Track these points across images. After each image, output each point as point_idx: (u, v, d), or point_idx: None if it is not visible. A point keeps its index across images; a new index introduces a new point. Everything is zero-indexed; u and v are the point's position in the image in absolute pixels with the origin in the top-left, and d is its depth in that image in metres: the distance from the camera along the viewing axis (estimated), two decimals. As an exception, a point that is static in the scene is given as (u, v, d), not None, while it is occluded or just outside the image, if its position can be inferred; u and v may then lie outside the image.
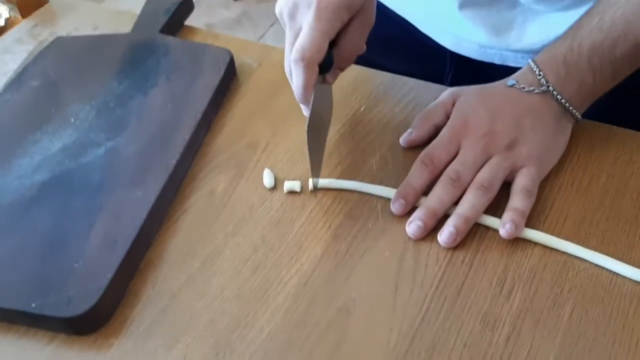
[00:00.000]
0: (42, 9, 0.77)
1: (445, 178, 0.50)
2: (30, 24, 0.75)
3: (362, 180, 0.53)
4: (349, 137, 0.57)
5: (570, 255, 0.48)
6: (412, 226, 0.49)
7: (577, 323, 0.44)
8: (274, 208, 0.52)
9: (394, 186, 0.52)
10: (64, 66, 0.65)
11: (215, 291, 0.47)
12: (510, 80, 0.54)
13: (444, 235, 0.48)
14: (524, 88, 0.53)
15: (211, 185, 0.54)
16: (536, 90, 0.53)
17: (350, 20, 0.49)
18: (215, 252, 0.49)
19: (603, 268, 0.47)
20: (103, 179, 0.53)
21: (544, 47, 0.55)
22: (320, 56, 0.47)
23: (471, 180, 0.50)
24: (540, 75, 0.53)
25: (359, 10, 0.49)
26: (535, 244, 0.49)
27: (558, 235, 0.49)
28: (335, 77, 0.52)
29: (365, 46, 0.52)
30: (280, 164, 0.56)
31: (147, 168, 0.53)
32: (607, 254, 0.47)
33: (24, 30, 0.73)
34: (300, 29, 0.48)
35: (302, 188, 0.53)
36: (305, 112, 0.51)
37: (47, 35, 0.73)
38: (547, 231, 0.49)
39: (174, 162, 0.53)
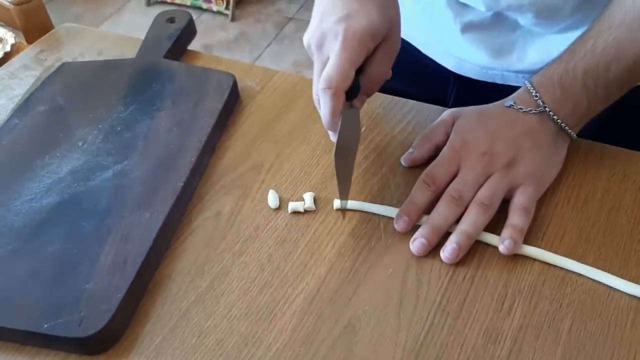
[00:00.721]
0: (47, 35, 0.79)
1: (447, 197, 0.52)
2: (36, 49, 0.77)
3: (365, 199, 0.55)
4: (351, 158, 0.59)
5: (568, 270, 0.49)
6: (416, 243, 0.50)
7: (576, 337, 0.45)
8: (279, 228, 0.54)
9: (397, 205, 0.53)
10: (71, 91, 0.67)
11: (223, 310, 0.48)
12: (508, 101, 0.56)
13: (447, 251, 0.49)
14: (521, 109, 0.55)
15: (218, 206, 0.56)
16: (533, 111, 0.54)
17: (377, 47, 0.51)
18: (222, 271, 0.51)
19: (600, 283, 0.48)
20: (111, 202, 0.54)
21: (543, 67, 0.57)
22: (347, 84, 0.49)
23: (472, 199, 0.52)
24: (537, 96, 0.54)
25: (385, 38, 0.51)
26: (534, 260, 0.50)
27: (556, 252, 0.50)
28: (362, 103, 0.54)
29: (391, 72, 0.53)
30: (284, 184, 0.57)
31: (154, 190, 0.54)
32: (603, 269, 0.49)
33: (30, 56, 0.75)
34: (328, 58, 0.50)
35: (305, 208, 0.54)
36: (333, 137, 0.53)
37: (53, 61, 0.75)
38: (545, 248, 0.50)
39: (180, 184, 0.55)
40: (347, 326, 0.46)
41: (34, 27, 0.83)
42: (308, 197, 0.55)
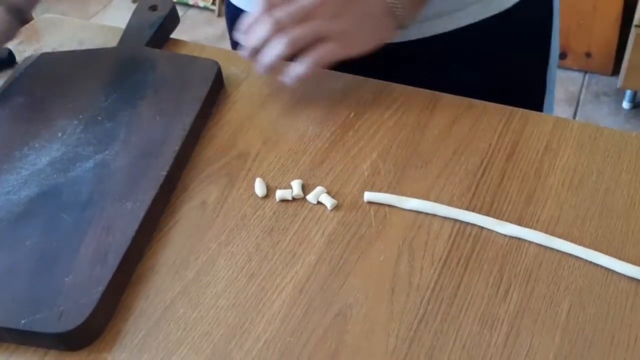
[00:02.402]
0: (27, 26, 0.77)
1: (270, 20, 0.56)
2: (15, 40, 0.75)
3: (354, 187, 0.53)
4: (340, 144, 0.57)
5: (565, 253, 0.48)
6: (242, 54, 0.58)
7: (575, 321, 0.44)
8: (266, 217, 0.52)
9: (385, 190, 0.52)
10: (50, 82, 0.65)
11: (210, 301, 0.46)
12: None
13: (260, 65, 0.57)
14: None
15: (203, 195, 0.54)
16: None
17: None
18: (209, 261, 0.49)
19: (598, 265, 0.47)
20: (92, 193, 0.52)
21: None
22: None
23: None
24: None
25: None
26: (530, 243, 0.49)
27: (552, 234, 0.49)
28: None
29: None
30: (271, 172, 0.55)
31: (136, 180, 0.53)
32: (601, 251, 0.47)
33: (10, 47, 0.73)
34: None
35: (294, 196, 0.53)
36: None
37: (32, 52, 0.73)
38: (541, 230, 0.49)
39: (163, 173, 0.53)
40: (338, 315, 0.45)
41: (12, 18, 0.81)
42: (296, 184, 0.53)
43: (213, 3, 2.26)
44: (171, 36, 0.72)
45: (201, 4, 2.28)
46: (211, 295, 0.47)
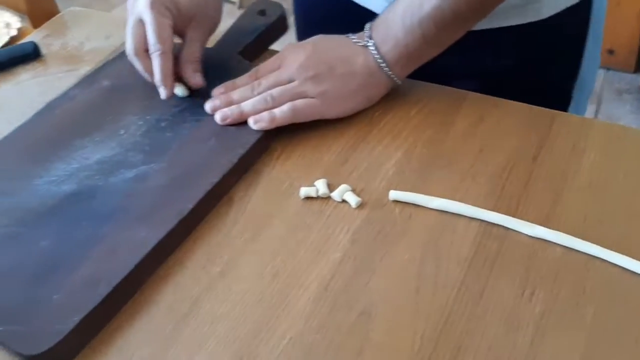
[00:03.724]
0: (53, 20, 0.78)
1: (251, 84, 0.59)
2: (41, 34, 0.76)
3: (379, 185, 0.53)
4: (364, 143, 0.57)
5: (590, 255, 0.48)
6: (209, 102, 0.59)
7: (600, 323, 0.44)
8: (291, 213, 0.52)
9: (410, 189, 0.52)
10: (137, 73, 0.63)
11: (236, 297, 0.47)
12: (352, 34, 0.59)
13: (221, 111, 0.58)
14: (353, 39, 0.58)
15: (229, 192, 0.54)
16: (360, 43, 0.58)
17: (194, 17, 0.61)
18: (235, 258, 0.49)
19: (624, 268, 0.47)
20: (118, 207, 0.51)
21: None
22: (169, 45, 0.59)
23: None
24: (368, 31, 0.58)
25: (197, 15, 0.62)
26: (556, 244, 0.48)
27: (578, 236, 0.48)
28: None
29: (204, 41, 0.63)
30: (296, 170, 0.56)
31: (161, 207, 0.51)
32: (627, 253, 0.47)
33: (36, 40, 0.73)
34: (139, 18, 0.60)
35: (319, 195, 0.53)
36: (163, 94, 0.59)
37: (58, 45, 0.74)
38: (567, 232, 0.49)
39: (189, 206, 0.50)
40: (362, 313, 0.45)
41: (39, 11, 0.82)
42: (321, 183, 0.53)
43: (233, -5, 2.26)
44: None
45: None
46: (237, 291, 0.47)
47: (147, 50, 0.59)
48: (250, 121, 0.57)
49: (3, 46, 0.76)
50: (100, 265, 0.47)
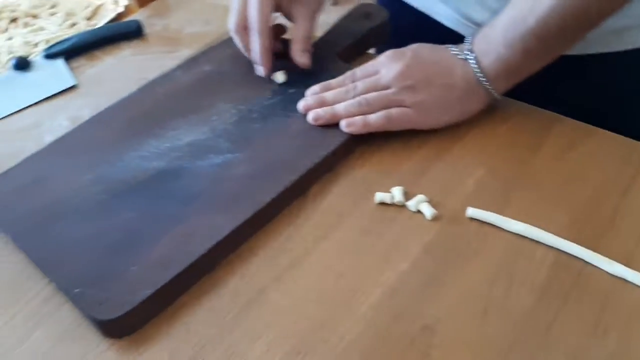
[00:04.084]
0: (157, 1, 0.81)
1: (346, 87, 0.59)
2: (145, 13, 0.79)
3: (457, 200, 0.52)
4: (447, 155, 0.56)
5: (674, 303, 0.45)
6: (302, 101, 0.59)
7: (677, 376, 0.41)
8: (364, 217, 0.52)
9: (489, 209, 0.51)
10: (239, 61, 0.65)
11: (300, 292, 0.47)
12: (452, 45, 0.59)
13: (313, 111, 0.57)
14: (453, 50, 0.58)
15: (306, 189, 0.55)
16: (459, 55, 0.57)
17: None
18: (303, 253, 0.50)
19: None
20: (202, 192, 0.53)
21: None
22: (268, 24, 0.60)
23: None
24: (468, 43, 0.57)
25: None
26: (636, 285, 0.46)
27: (663, 281, 0.46)
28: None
29: (313, 21, 0.63)
30: (374, 174, 0.56)
31: (240, 196, 0.52)
32: None
33: (140, 19, 0.77)
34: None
35: (392, 200, 0.53)
36: (259, 72, 0.62)
37: (160, 26, 0.77)
38: (651, 275, 0.46)
39: (267, 199, 0.51)
40: (425, 327, 0.45)
41: (146, -9, 0.85)
42: (397, 191, 0.53)
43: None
44: None
45: None
46: (302, 287, 0.48)
47: (247, 28, 0.61)
48: (343, 123, 0.57)
49: (109, 22, 0.80)
50: (176, 245, 0.49)
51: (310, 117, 0.58)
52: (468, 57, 0.56)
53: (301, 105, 0.59)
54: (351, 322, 0.45)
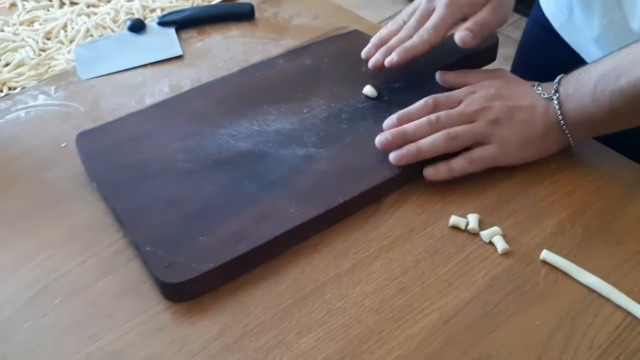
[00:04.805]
0: (272, -11, 0.83)
1: (427, 117, 0.56)
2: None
3: (532, 240, 0.51)
4: (531, 191, 0.55)
5: None
6: (380, 136, 0.56)
7: None
8: (434, 237, 0.52)
9: (564, 255, 0.49)
10: (340, 59, 0.67)
11: (356, 297, 0.48)
12: (538, 83, 0.58)
13: (396, 152, 0.55)
14: (539, 90, 0.56)
15: (381, 197, 0.55)
16: (545, 95, 0.56)
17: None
18: (366, 260, 0.50)
19: None
20: (281, 179, 0.54)
21: None
22: (438, 40, 0.61)
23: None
24: (556, 85, 0.55)
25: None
26: None
27: None
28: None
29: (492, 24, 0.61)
30: (452, 196, 0.55)
31: (316, 191, 0.53)
32: None
33: (253, 3, 0.79)
34: (433, 9, 0.61)
35: (467, 226, 0.52)
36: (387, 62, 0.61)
37: (271, 13, 0.79)
38: None
39: (340, 200, 0.52)
40: (475, 360, 0.44)
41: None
42: (473, 218, 0.52)
43: None
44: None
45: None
46: (359, 292, 0.48)
47: (419, 21, 0.62)
48: (426, 172, 0.55)
49: (224, 0, 0.82)
50: (247, 226, 0.50)
51: (392, 158, 0.54)
52: (552, 97, 0.55)
53: (378, 140, 0.56)
54: (402, 339, 0.45)
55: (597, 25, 0.67)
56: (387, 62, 0.61)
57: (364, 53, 0.64)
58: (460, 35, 0.59)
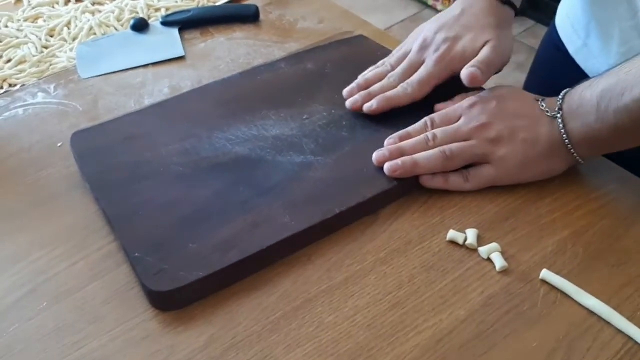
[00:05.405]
0: (278, -9, 0.82)
1: (424, 135, 0.56)
2: (263, 1, 0.80)
3: (531, 258, 0.50)
4: (532, 207, 0.54)
5: None
6: (378, 152, 0.55)
7: None
8: (431, 251, 0.50)
9: (566, 276, 0.48)
10: (342, 64, 0.66)
11: (348, 312, 0.46)
12: (542, 97, 0.56)
13: (390, 163, 0.54)
14: (542, 106, 0.55)
15: (377, 208, 0.54)
16: (548, 113, 0.54)
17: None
18: (360, 273, 0.49)
19: None
20: (277, 186, 0.53)
21: None
22: (422, 95, 0.60)
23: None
24: (559, 102, 0.54)
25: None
26: None
27: None
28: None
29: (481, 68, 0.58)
30: (451, 209, 0.54)
31: (311, 200, 0.51)
32: None
33: (258, 5, 0.78)
34: (422, 62, 0.60)
35: (464, 241, 0.51)
36: (366, 107, 0.60)
37: (276, 15, 0.78)
38: None
39: (336, 210, 0.50)
40: (467, 382, 0.42)
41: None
42: (471, 233, 0.51)
43: (449, 10, 2.24)
44: (366, 13, 0.71)
45: (439, 7, 2.28)
46: (351, 306, 0.47)
47: (406, 70, 0.61)
48: (422, 178, 0.54)
49: (229, 2, 0.82)
50: (239, 234, 0.49)
51: (386, 168, 0.54)
52: (556, 115, 0.53)
53: (375, 156, 0.55)
54: (393, 357, 0.44)
55: (615, 52, 0.65)
56: (365, 107, 0.60)
57: (345, 91, 0.62)
58: (468, 71, 0.57)
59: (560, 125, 0.53)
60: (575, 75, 0.70)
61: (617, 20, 0.64)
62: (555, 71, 0.72)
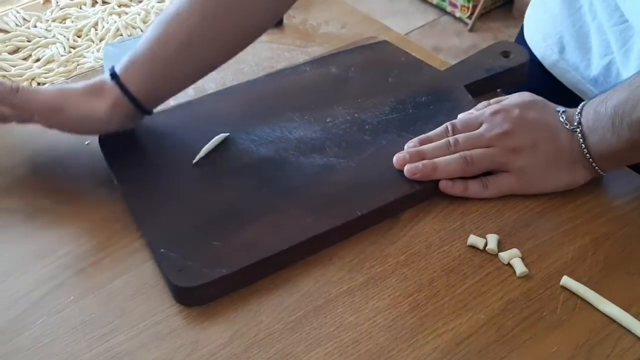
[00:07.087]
0: (303, -3, 0.83)
1: (446, 140, 0.56)
2: (288, 6, 0.81)
3: (552, 264, 0.50)
4: (554, 214, 0.54)
5: None
6: (399, 155, 0.55)
7: None
8: (451, 255, 0.51)
9: (587, 283, 0.48)
10: (367, 69, 0.67)
11: (369, 313, 0.47)
12: (562, 108, 0.55)
13: (412, 165, 0.54)
14: (563, 118, 0.54)
15: (399, 212, 0.54)
16: (569, 126, 0.54)
17: None
18: (381, 275, 0.49)
19: None
20: (300, 188, 0.53)
21: None
22: None
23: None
24: (578, 115, 0.53)
25: None
26: None
27: None
28: None
29: None
30: (472, 213, 0.54)
31: (334, 202, 0.52)
32: None
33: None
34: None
35: (485, 246, 0.51)
36: None
37: (299, 20, 0.79)
38: None
39: (358, 213, 0.51)
40: (486, 385, 0.43)
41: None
42: (492, 238, 0.51)
43: (469, 17, 2.24)
44: (415, 36, 0.72)
45: (457, 14, 2.28)
46: (372, 308, 0.47)
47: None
48: (442, 184, 0.54)
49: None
50: (262, 234, 0.50)
51: (407, 170, 0.54)
52: (575, 130, 0.53)
53: (397, 159, 0.55)
54: (413, 359, 0.44)
55: (595, 65, 0.65)
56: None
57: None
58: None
59: (581, 140, 0.53)
60: (557, 90, 0.68)
61: (595, 33, 0.63)
62: (536, 88, 0.70)
